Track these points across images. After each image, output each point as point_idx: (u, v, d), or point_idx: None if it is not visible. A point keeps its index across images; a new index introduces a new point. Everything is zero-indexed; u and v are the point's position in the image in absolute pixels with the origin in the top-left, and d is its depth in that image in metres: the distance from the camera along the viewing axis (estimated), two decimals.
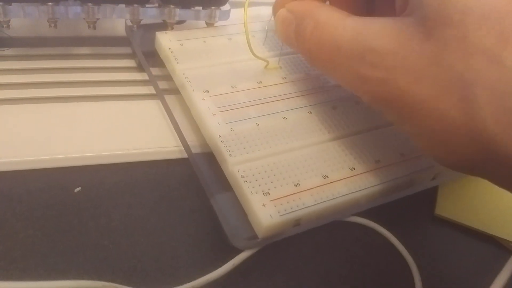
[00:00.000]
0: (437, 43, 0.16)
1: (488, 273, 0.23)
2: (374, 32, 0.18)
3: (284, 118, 0.24)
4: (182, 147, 0.24)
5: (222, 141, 0.22)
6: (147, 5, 0.25)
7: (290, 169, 0.22)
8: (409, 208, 0.25)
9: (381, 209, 0.23)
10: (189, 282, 0.20)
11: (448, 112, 0.16)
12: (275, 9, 0.24)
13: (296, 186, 0.21)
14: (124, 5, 0.24)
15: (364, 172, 0.22)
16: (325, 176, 0.22)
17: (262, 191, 0.20)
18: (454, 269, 0.24)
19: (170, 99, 0.26)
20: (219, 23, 0.28)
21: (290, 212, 0.20)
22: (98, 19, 0.24)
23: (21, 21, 0.27)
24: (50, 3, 0.23)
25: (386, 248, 0.23)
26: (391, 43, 0.18)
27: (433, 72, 0.16)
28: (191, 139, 0.24)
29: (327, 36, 0.20)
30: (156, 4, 0.25)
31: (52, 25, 0.24)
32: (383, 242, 0.24)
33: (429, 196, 0.26)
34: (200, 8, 0.26)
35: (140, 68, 0.28)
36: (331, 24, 0.21)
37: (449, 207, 0.25)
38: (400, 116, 0.18)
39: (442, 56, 0.16)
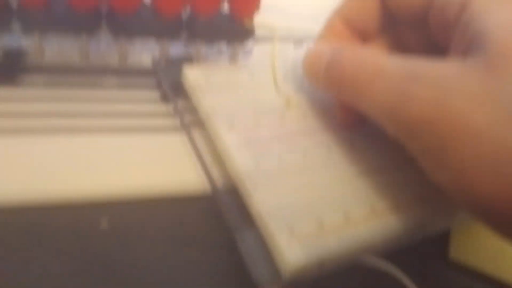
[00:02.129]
0: (501, 76, 0.16)
1: None
2: (427, 61, 0.18)
3: (306, 153, 0.24)
4: (207, 183, 0.24)
5: (247, 176, 0.22)
6: (175, 40, 0.26)
7: (314, 207, 0.22)
8: (422, 249, 0.25)
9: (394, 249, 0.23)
10: None
11: (507, 139, 0.16)
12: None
13: (320, 224, 0.21)
14: (153, 39, 0.25)
15: (385, 212, 0.23)
16: (346, 214, 0.22)
17: (288, 230, 0.20)
18: None
19: (195, 132, 0.26)
20: (243, 58, 0.29)
21: (315, 252, 0.20)
22: (128, 53, 0.25)
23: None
24: (83, 36, 0.24)
25: None
26: (449, 68, 0.18)
27: (495, 101, 0.16)
28: (215, 174, 0.24)
29: (369, 60, 0.21)
30: (184, 39, 0.26)
31: (85, 56, 0.24)
32: (393, 284, 0.23)
33: (444, 236, 0.26)
34: (225, 44, 0.27)
35: (165, 99, 0.29)
36: (373, 52, 0.21)
37: (464, 250, 0.25)
38: (443, 140, 0.17)
39: (505, 87, 0.16)
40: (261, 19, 0.27)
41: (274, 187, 0.22)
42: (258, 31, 0.27)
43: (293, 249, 0.20)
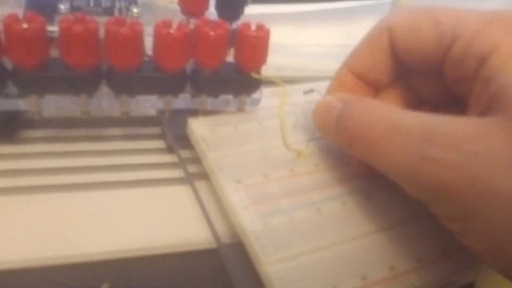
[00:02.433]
0: None
1: None
2: (446, 119, 0.17)
3: (318, 210, 0.23)
4: (212, 237, 0.24)
5: (255, 238, 0.21)
6: (179, 95, 0.25)
7: (327, 270, 0.21)
8: None
9: None
10: None
11: None
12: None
13: None
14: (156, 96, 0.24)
15: (404, 272, 0.21)
16: (364, 278, 0.21)
17: None
18: None
19: (200, 184, 0.26)
20: (251, 105, 0.28)
21: None
22: (131, 109, 0.24)
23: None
24: (83, 95, 0.23)
25: None
26: (471, 127, 0.17)
27: None
28: (221, 229, 0.23)
29: (382, 115, 0.19)
30: (188, 94, 0.25)
31: (85, 114, 0.24)
32: None
33: None
34: (231, 96, 0.26)
35: (170, 150, 0.28)
36: (386, 107, 0.20)
37: None
38: (470, 206, 0.16)
39: None
40: (271, 61, 0.26)
41: (285, 249, 0.21)
42: (266, 76, 0.26)
43: None
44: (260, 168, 0.25)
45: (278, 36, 0.39)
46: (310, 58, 0.39)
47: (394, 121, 0.19)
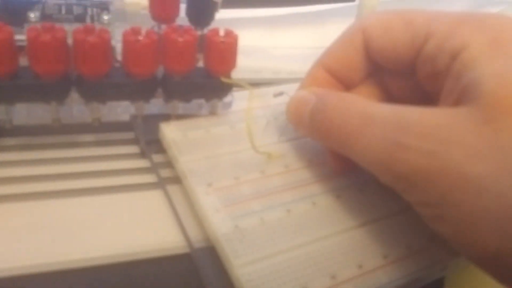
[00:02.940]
0: (497, 128, 0.16)
1: None
2: (420, 109, 0.18)
3: (289, 210, 0.24)
4: (185, 241, 0.24)
5: (226, 240, 0.22)
6: (151, 100, 0.25)
7: (297, 270, 0.21)
8: None
9: None
10: None
11: (507, 191, 0.15)
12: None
13: None
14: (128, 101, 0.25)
15: (372, 270, 0.22)
16: (333, 277, 0.21)
17: None
18: None
19: (173, 188, 0.26)
20: (223, 109, 0.28)
21: None
22: (102, 115, 0.24)
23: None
24: (53, 103, 0.23)
25: None
26: (443, 117, 0.17)
27: (492, 153, 0.16)
28: (193, 233, 0.24)
29: (357, 107, 0.20)
30: (161, 99, 0.25)
31: (56, 122, 0.24)
32: None
33: (439, 283, 0.25)
34: (203, 100, 0.26)
35: (144, 154, 0.28)
36: (361, 99, 0.21)
37: None
38: (442, 194, 0.17)
39: (503, 140, 0.16)
40: (245, 63, 0.27)
41: (256, 251, 0.21)
42: (235, 80, 0.27)
43: None
44: (231, 171, 0.25)
45: (253, 39, 0.40)
46: (285, 60, 0.39)
47: (369, 112, 0.19)
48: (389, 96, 0.26)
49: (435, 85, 0.22)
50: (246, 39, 0.27)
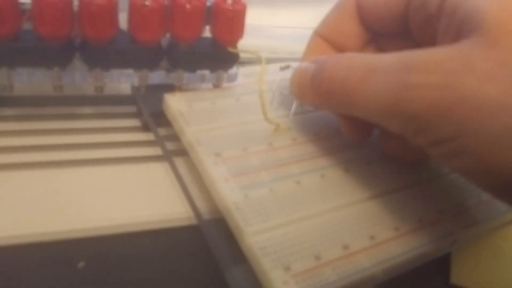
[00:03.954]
0: (504, 48, 0.16)
1: None
2: (423, 50, 0.18)
3: (298, 182, 0.23)
4: (192, 213, 0.23)
5: (237, 209, 0.21)
6: (155, 70, 0.24)
7: (309, 239, 0.21)
8: (423, 273, 0.24)
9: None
10: None
11: None
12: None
13: (317, 258, 0.20)
14: (132, 70, 0.24)
15: (384, 241, 0.22)
16: (346, 247, 0.21)
17: (283, 266, 0.19)
18: None
19: (178, 161, 0.25)
20: (228, 81, 0.27)
21: None
22: (105, 83, 0.24)
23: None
24: (56, 68, 0.22)
25: None
26: (448, 52, 0.17)
27: (504, 72, 0.16)
28: (201, 205, 0.23)
29: (358, 62, 0.20)
30: (164, 69, 0.25)
31: (58, 89, 0.23)
32: None
33: (443, 261, 0.25)
34: (208, 71, 0.26)
35: (145, 128, 0.27)
36: (362, 55, 0.20)
37: (465, 274, 0.24)
38: (459, 126, 0.16)
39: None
40: (245, 42, 0.26)
41: (266, 220, 0.21)
42: (243, 54, 0.26)
43: (289, 287, 0.19)
44: (239, 142, 0.25)
45: (253, 18, 0.39)
46: (284, 40, 0.38)
47: (371, 64, 0.19)
48: None
49: (430, 34, 0.21)
50: (247, 18, 0.27)
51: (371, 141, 0.26)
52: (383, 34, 0.25)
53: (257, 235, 0.20)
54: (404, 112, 0.18)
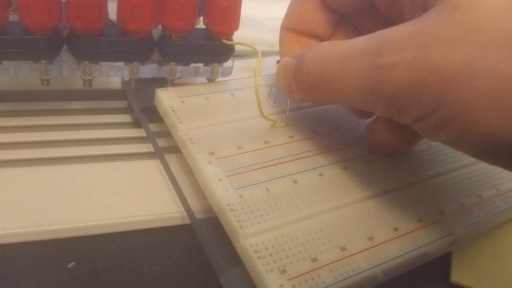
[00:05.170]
0: (467, 9, 0.16)
1: None
2: (390, 28, 0.17)
3: (295, 181, 0.22)
4: (185, 212, 0.23)
5: (231, 210, 0.20)
6: (146, 63, 0.23)
7: (306, 241, 0.20)
8: (423, 272, 0.23)
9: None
10: None
11: (498, 64, 0.15)
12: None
13: (313, 261, 0.19)
14: (122, 63, 0.23)
15: (383, 243, 0.21)
16: (343, 248, 0.20)
17: (278, 269, 0.19)
18: None
19: (170, 158, 0.24)
20: (223, 75, 0.27)
21: None
22: (94, 77, 0.23)
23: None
24: (43, 61, 0.21)
25: None
26: (415, 26, 0.17)
27: (471, 34, 0.15)
28: (194, 203, 0.23)
29: (333, 51, 0.19)
30: (156, 62, 0.24)
31: (45, 83, 0.22)
32: None
33: (444, 261, 0.24)
34: (201, 65, 0.25)
35: (136, 124, 0.26)
36: (335, 42, 0.20)
37: (465, 273, 0.24)
38: (437, 95, 0.16)
39: (477, 18, 0.15)
40: (241, 34, 0.25)
41: (262, 221, 0.20)
42: (238, 46, 0.25)
43: None
44: (234, 139, 0.24)
45: (249, 10, 0.38)
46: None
47: (345, 51, 0.19)
48: None
49: (398, 11, 0.21)
50: (242, 9, 0.26)
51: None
52: (351, 14, 0.25)
53: (252, 237, 0.19)
54: (383, 95, 0.17)
